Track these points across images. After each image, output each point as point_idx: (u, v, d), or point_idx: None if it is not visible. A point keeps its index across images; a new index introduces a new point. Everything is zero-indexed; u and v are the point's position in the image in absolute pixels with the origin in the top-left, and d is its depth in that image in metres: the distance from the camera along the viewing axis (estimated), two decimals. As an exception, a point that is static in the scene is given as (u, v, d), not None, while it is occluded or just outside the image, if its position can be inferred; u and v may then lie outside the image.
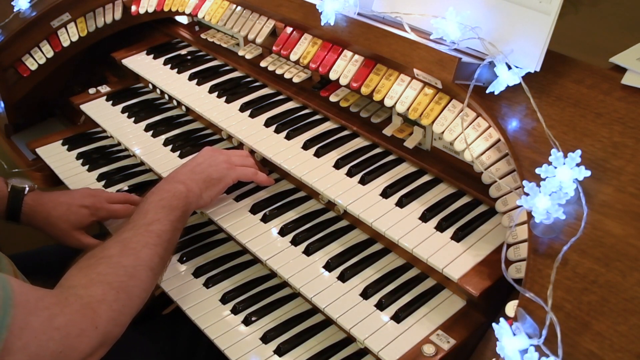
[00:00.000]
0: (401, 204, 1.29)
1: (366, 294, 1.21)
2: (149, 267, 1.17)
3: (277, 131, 1.53)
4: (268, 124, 1.56)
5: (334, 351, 1.22)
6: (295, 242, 1.33)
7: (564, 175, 0.97)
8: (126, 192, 1.60)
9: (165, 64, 1.89)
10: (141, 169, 1.75)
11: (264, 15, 1.64)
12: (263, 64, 1.70)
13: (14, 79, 1.94)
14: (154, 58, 1.94)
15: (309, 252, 1.31)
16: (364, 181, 1.35)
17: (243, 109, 1.63)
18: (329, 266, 1.27)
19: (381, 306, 1.18)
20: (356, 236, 1.36)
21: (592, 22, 1.57)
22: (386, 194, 1.31)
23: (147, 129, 1.74)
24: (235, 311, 1.30)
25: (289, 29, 1.54)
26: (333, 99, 1.53)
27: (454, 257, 1.15)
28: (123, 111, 1.84)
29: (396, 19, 1.28)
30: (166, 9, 1.89)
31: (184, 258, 1.43)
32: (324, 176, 1.38)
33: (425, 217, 1.25)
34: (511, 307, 1.03)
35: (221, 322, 1.28)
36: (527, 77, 1.12)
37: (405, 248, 1.20)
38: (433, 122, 1.24)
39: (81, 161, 1.78)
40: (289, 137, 1.51)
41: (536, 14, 1.10)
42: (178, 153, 1.63)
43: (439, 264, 1.14)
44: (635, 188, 0.97)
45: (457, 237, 1.19)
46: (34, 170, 1.90)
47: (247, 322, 1.28)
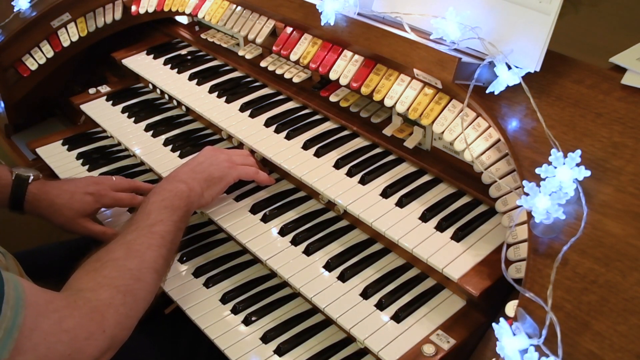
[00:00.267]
0: (401, 204, 1.29)
1: (366, 294, 1.21)
2: (154, 269, 1.18)
3: (277, 131, 1.53)
4: (268, 124, 1.56)
5: (334, 351, 1.22)
6: (295, 242, 1.33)
7: (564, 175, 0.97)
8: (130, 179, 1.59)
9: (166, 64, 1.89)
10: (141, 169, 1.75)
11: (264, 15, 1.64)
12: (263, 64, 1.70)
13: (14, 79, 1.94)
14: (154, 58, 1.94)
15: (309, 252, 1.31)
16: (364, 181, 1.35)
17: (243, 109, 1.63)
18: (329, 266, 1.27)
19: (381, 306, 1.18)
20: (356, 236, 1.36)
21: (592, 22, 1.57)
22: (386, 194, 1.32)
23: (147, 129, 1.75)
24: (236, 311, 1.30)
25: (289, 29, 1.54)
26: (333, 99, 1.53)
27: (454, 257, 1.16)
28: (123, 111, 1.84)
29: (396, 19, 1.28)
30: (166, 9, 1.89)
31: (184, 258, 1.43)
32: (324, 176, 1.38)
33: (425, 217, 1.25)
34: (511, 307, 1.03)
35: (221, 322, 1.28)
36: (527, 77, 1.12)
37: (405, 248, 1.20)
38: (433, 122, 1.24)
39: (81, 161, 1.78)
40: (289, 137, 1.51)
41: (536, 14, 1.10)
42: (178, 153, 1.63)
43: (439, 264, 1.14)
44: (635, 188, 0.97)
45: (457, 237, 1.19)
46: (34, 170, 1.90)
47: (247, 322, 1.28)
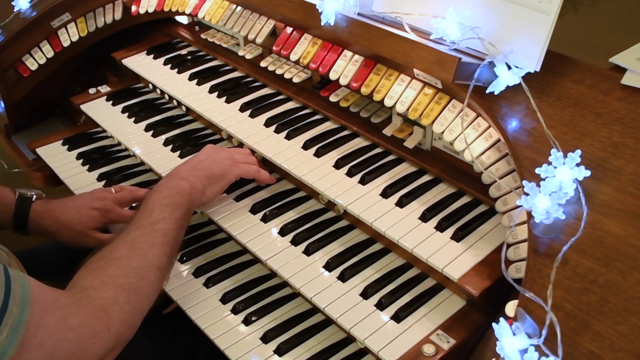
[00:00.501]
0: (401, 204, 1.29)
1: (366, 293, 1.21)
2: (157, 267, 1.18)
3: (277, 131, 1.53)
4: (268, 124, 1.56)
5: (334, 351, 1.22)
6: (295, 242, 1.33)
7: (563, 175, 0.97)
8: (130, 186, 1.60)
9: (166, 64, 1.89)
10: (141, 169, 1.75)
11: (264, 15, 1.64)
12: (263, 64, 1.70)
13: (14, 79, 1.94)
14: (154, 58, 1.94)
15: (309, 252, 1.31)
16: (364, 181, 1.35)
17: (243, 109, 1.63)
18: (329, 266, 1.27)
19: (381, 306, 1.18)
20: (356, 236, 1.36)
21: (592, 22, 1.57)
22: (386, 193, 1.32)
23: (147, 129, 1.75)
24: (236, 311, 1.30)
25: (289, 29, 1.54)
26: (333, 99, 1.53)
27: (454, 257, 1.16)
28: (123, 111, 1.84)
29: (396, 19, 1.28)
30: (166, 9, 1.89)
31: (184, 258, 1.43)
32: (324, 176, 1.38)
33: (425, 217, 1.25)
34: (511, 307, 1.03)
35: (221, 322, 1.28)
36: (527, 77, 1.12)
37: (405, 248, 1.20)
38: (433, 122, 1.24)
39: (81, 161, 1.79)
40: (289, 137, 1.51)
41: (536, 14, 1.10)
42: (178, 153, 1.63)
43: (438, 264, 1.14)
44: (635, 188, 0.97)
45: (457, 237, 1.19)
46: (34, 170, 1.90)
47: (247, 322, 1.28)
